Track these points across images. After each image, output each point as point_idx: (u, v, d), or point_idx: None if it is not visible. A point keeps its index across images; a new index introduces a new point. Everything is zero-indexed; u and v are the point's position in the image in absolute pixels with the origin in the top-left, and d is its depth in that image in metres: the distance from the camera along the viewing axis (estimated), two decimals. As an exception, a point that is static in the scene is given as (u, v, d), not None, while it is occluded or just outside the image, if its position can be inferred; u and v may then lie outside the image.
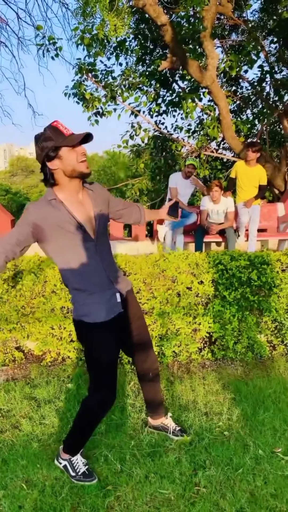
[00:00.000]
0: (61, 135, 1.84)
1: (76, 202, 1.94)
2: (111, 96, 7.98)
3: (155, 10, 5.93)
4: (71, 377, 3.29)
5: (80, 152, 1.87)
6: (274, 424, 2.60)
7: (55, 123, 1.87)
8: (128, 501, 2.02)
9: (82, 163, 1.87)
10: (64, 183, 1.91)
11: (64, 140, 1.83)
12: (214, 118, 7.88)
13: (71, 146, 1.84)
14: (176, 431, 2.51)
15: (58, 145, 1.83)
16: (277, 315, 3.48)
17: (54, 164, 1.86)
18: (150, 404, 2.51)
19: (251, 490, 2.07)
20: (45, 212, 1.88)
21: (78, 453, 2.22)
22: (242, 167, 5.70)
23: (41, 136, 1.86)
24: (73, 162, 1.85)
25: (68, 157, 1.84)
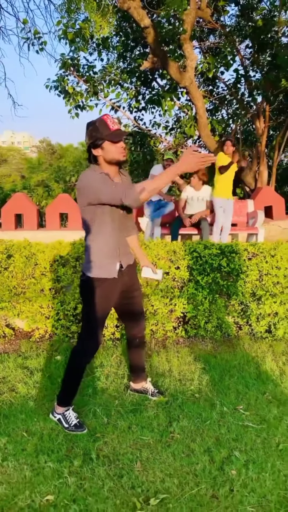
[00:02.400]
0: (107, 129, 2.19)
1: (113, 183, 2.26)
2: (93, 91, 8.25)
3: (139, 13, 6.26)
4: (59, 350, 3.64)
5: (120, 146, 2.22)
6: (237, 388, 3.04)
7: (105, 116, 2.23)
8: (115, 445, 2.41)
9: (122, 153, 2.24)
10: (104, 166, 2.28)
11: (108, 135, 2.18)
12: (191, 117, 8.30)
13: (113, 142, 2.19)
14: (155, 393, 2.90)
15: (103, 138, 2.18)
16: (243, 299, 3.93)
17: (97, 151, 2.24)
18: (134, 368, 2.90)
19: (216, 436, 2.49)
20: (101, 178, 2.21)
21: (71, 407, 2.59)
22: (225, 158, 6.08)
23: (91, 125, 2.23)
24: (112, 153, 2.23)
25: (109, 149, 2.22)
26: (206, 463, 2.25)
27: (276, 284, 3.91)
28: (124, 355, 3.55)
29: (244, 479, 2.13)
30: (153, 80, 9.38)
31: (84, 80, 8.58)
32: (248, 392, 2.99)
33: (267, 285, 3.89)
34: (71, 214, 7.69)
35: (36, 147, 47.93)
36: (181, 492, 2.05)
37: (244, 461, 2.27)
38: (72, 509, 1.94)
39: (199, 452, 2.34)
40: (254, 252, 3.96)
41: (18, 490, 2.06)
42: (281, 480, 2.13)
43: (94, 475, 2.17)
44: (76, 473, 2.18)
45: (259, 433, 2.52)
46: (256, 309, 3.89)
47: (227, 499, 2.00)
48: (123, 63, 9.46)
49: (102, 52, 8.90)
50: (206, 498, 2.01)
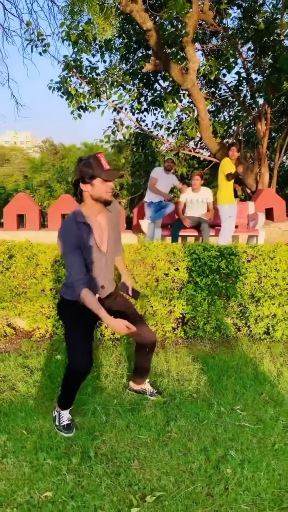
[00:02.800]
0: (100, 167, 2.24)
1: (96, 222, 2.37)
2: (96, 93, 8.30)
3: (141, 16, 6.30)
4: (59, 350, 3.69)
5: (109, 186, 2.29)
6: (235, 388, 3.08)
7: (99, 155, 2.28)
8: (113, 444, 2.45)
9: (109, 193, 2.31)
10: (89, 204, 2.34)
11: (101, 173, 2.23)
12: (193, 119, 8.33)
13: (104, 180, 2.25)
14: (153, 393, 2.94)
15: (95, 175, 2.23)
16: (242, 300, 3.96)
17: (86, 187, 2.28)
18: (138, 370, 2.90)
19: (213, 436, 2.53)
20: (79, 235, 2.31)
21: (67, 409, 2.61)
22: (230, 165, 6.10)
23: (84, 160, 2.27)
24: (101, 192, 2.28)
25: (99, 187, 2.26)
26: (202, 462, 2.29)
27: (275, 286, 3.94)
28: (123, 355, 3.60)
29: (239, 478, 2.17)
30: (156, 82, 9.42)
31: (86, 81, 8.63)
32: (246, 393, 3.02)
33: (265, 287, 3.92)
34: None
35: (39, 147, 48.02)
36: (177, 490, 2.08)
37: (239, 460, 2.30)
38: (70, 506, 1.98)
39: (196, 451, 2.38)
40: (253, 254, 4.00)
41: (17, 486, 2.10)
42: (275, 479, 2.16)
43: (92, 472, 2.21)
44: (74, 471, 2.22)
45: (255, 433, 2.55)
46: (255, 311, 3.93)
47: (222, 497, 2.04)
48: (126, 64, 9.50)
49: (105, 54, 8.94)
50: (202, 496, 2.05)
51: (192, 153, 9.63)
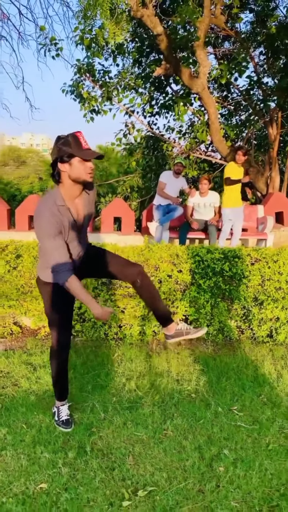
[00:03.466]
0: (79, 146, 2.10)
1: (73, 203, 2.26)
2: (107, 96, 8.40)
3: (152, 20, 6.38)
4: (63, 348, 3.75)
5: (88, 166, 2.14)
6: (233, 389, 3.11)
7: (78, 133, 2.14)
8: (109, 440, 2.50)
9: (90, 174, 2.16)
10: (67, 184, 2.19)
11: (80, 152, 2.10)
12: (203, 122, 8.37)
13: (83, 159, 2.13)
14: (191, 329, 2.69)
15: (73, 154, 2.11)
16: (246, 303, 3.99)
17: (63, 167, 2.14)
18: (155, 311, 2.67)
19: (208, 435, 2.57)
20: (59, 220, 2.19)
21: (65, 401, 2.67)
22: (235, 168, 6.15)
23: (62, 139, 2.13)
24: (80, 172, 2.14)
25: (77, 166, 2.13)
26: (196, 459, 2.33)
27: (278, 289, 3.96)
28: (125, 355, 3.65)
29: (231, 476, 2.20)
30: (167, 86, 9.49)
31: (99, 85, 8.74)
32: (244, 394, 3.05)
33: (269, 290, 3.94)
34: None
35: (55, 149, 48.43)
36: (169, 486, 2.13)
37: (233, 459, 2.34)
38: (64, 497, 2.04)
39: (190, 449, 2.42)
40: (256, 258, 4.02)
41: (14, 477, 2.17)
42: (267, 478, 2.19)
43: (87, 466, 2.26)
44: (70, 464, 2.28)
45: (251, 433, 2.58)
46: (258, 314, 3.95)
47: (213, 494, 2.07)
48: (138, 68, 9.60)
49: (118, 57, 9.05)
50: (193, 492, 2.09)
51: (203, 156, 9.66)
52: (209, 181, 6.06)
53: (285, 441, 2.51)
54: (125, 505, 1.99)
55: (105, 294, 3.94)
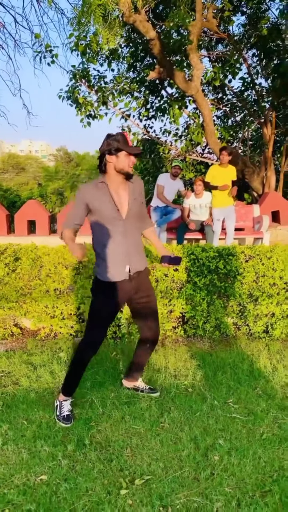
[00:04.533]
0: (126, 142, 2.49)
1: (116, 189, 2.55)
2: (103, 101, 8.51)
3: (144, 26, 6.49)
4: (62, 348, 3.83)
5: (132, 160, 2.51)
6: (229, 383, 3.17)
7: (125, 133, 2.56)
8: (107, 433, 2.57)
9: (131, 167, 2.53)
10: (112, 174, 2.53)
11: (126, 147, 2.47)
12: (198, 124, 8.47)
13: (128, 154, 2.48)
14: (146, 389, 3.03)
15: (121, 148, 2.45)
16: (241, 300, 4.06)
17: (111, 159, 2.49)
18: (134, 367, 3.01)
19: (204, 427, 2.63)
20: (92, 192, 2.52)
21: (70, 398, 2.76)
22: (217, 170, 6.24)
23: (112, 136, 2.51)
24: (124, 164, 2.49)
25: (123, 159, 2.48)
26: (192, 449, 2.40)
27: (273, 285, 4.03)
28: (123, 353, 3.72)
29: (225, 464, 2.27)
30: (162, 89, 9.60)
31: (95, 90, 8.85)
32: (240, 387, 3.12)
33: (263, 286, 4.01)
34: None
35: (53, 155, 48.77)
36: (165, 475, 2.20)
37: (227, 448, 2.40)
38: (63, 487, 2.11)
39: (186, 440, 2.49)
40: (250, 255, 4.10)
41: (15, 470, 2.24)
42: (260, 466, 2.26)
43: (86, 458, 2.33)
44: (69, 456, 2.35)
45: (245, 424, 2.65)
46: (253, 310, 4.02)
47: (208, 481, 2.14)
48: (133, 73, 9.71)
49: (112, 63, 9.17)
50: (188, 480, 2.16)
51: (199, 158, 9.75)
52: (203, 182, 6.16)
53: (278, 430, 2.58)
54: (122, 493, 2.06)
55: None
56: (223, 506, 1.99)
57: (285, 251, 4.09)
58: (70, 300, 4.02)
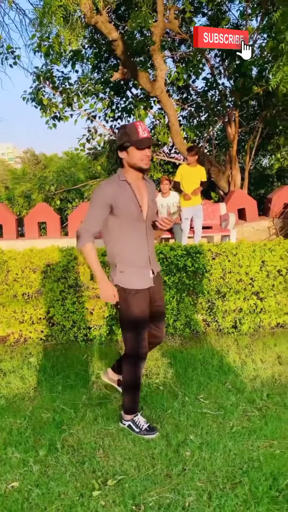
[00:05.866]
0: (135, 134, 2.26)
1: (137, 186, 2.38)
2: (68, 103, 8.45)
3: (107, 26, 6.49)
4: (33, 353, 3.79)
5: (144, 154, 2.30)
6: (200, 379, 3.22)
7: (138, 123, 2.31)
8: (80, 436, 2.56)
9: (146, 161, 2.32)
10: (129, 171, 2.36)
11: (135, 141, 2.26)
12: (164, 125, 8.53)
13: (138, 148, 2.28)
14: None
15: (129, 142, 2.27)
16: (209, 296, 4.12)
17: (122, 154, 2.33)
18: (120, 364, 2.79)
19: (176, 423, 2.66)
20: (116, 192, 2.31)
21: (139, 413, 2.62)
22: (185, 170, 6.34)
23: (122, 128, 2.34)
24: (135, 159, 2.30)
25: (133, 154, 2.29)
26: (163, 447, 2.42)
27: (239, 281, 4.11)
28: (95, 355, 3.71)
29: (197, 459, 2.30)
30: (127, 90, 9.62)
31: (59, 91, 8.78)
32: (210, 383, 3.16)
33: (230, 282, 4.08)
34: (50, 222, 7.84)
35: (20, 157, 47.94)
36: (138, 473, 2.21)
37: (199, 443, 2.44)
38: (35, 493, 2.09)
39: (158, 437, 2.51)
40: (217, 252, 4.17)
41: (-15, 479, 2.20)
42: (231, 458, 2.30)
43: (58, 462, 2.32)
44: (40, 462, 2.33)
45: (216, 419, 2.70)
46: (222, 306, 4.09)
47: (179, 477, 2.17)
48: (97, 74, 9.69)
49: (76, 64, 9.12)
50: (160, 477, 2.18)
51: (166, 158, 9.83)
52: (169, 181, 6.22)
53: (247, 423, 2.64)
54: (95, 495, 2.06)
55: (72, 296, 3.99)
56: (194, 500, 2.02)
57: (249, 248, 4.18)
58: (39, 304, 3.98)
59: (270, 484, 2.08)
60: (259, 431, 2.53)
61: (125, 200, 2.33)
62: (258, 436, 2.48)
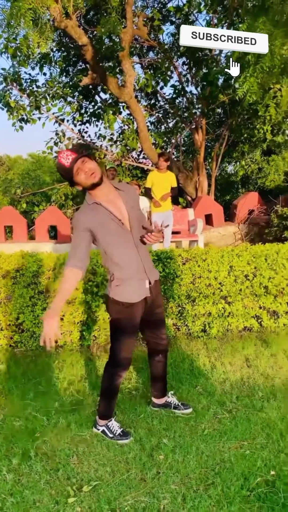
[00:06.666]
0: (64, 169, 2.25)
1: (108, 201, 2.36)
2: (36, 106, 8.37)
3: (76, 31, 6.49)
4: (2, 360, 3.73)
5: (84, 171, 2.24)
6: (171, 383, 3.26)
7: (60, 157, 2.27)
8: (53, 443, 2.55)
9: (90, 177, 2.26)
10: (89, 192, 2.35)
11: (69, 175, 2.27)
12: (132, 130, 8.60)
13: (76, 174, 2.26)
14: (179, 405, 2.90)
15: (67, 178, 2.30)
16: (180, 301, 4.19)
17: (77, 187, 2.34)
18: (155, 381, 2.88)
19: (149, 428, 2.70)
20: (90, 217, 2.32)
21: (113, 418, 2.64)
22: (156, 176, 6.42)
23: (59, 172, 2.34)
24: (83, 181, 2.28)
25: (80, 180, 2.28)
26: (137, 451, 2.45)
27: (208, 286, 4.21)
28: (65, 361, 3.70)
29: (170, 462, 2.34)
30: (96, 94, 9.63)
31: (27, 94, 8.69)
32: (181, 386, 3.22)
33: (200, 287, 4.17)
34: (16, 226, 7.72)
35: (-17, 159, 46.79)
36: (112, 479, 2.23)
37: (172, 446, 2.48)
38: (9, 502, 2.07)
39: (132, 442, 2.54)
40: (187, 257, 4.25)
41: None
42: (203, 460, 2.36)
43: (31, 470, 2.30)
44: (14, 470, 2.30)
45: (188, 422, 2.75)
46: (192, 310, 4.17)
47: (154, 481, 2.20)
48: (66, 77, 9.65)
49: (44, 66, 9.05)
50: (135, 481, 2.21)
51: (135, 163, 9.90)
52: (138, 186, 6.29)
53: (219, 425, 2.71)
54: (70, 502, 2.07)
55: (42, 302, 3.96)
56: (169, 503, 2.06)
57: (218, 253, 4.29)
58: (8, 311, 3.92)
59: (241, 484, 2.15)
60: (230, 433, 2.60)
61: (102, 221, 2.33)
62: (228, 438, 2.55)
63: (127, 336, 2.53)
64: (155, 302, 2.59)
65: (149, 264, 2.54)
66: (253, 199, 8.43)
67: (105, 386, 2.62)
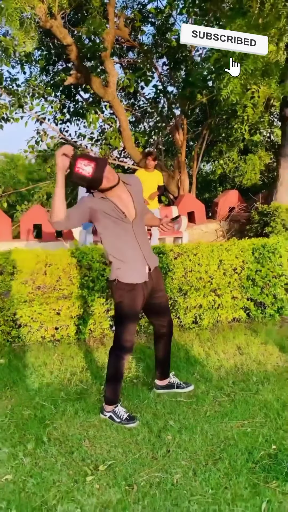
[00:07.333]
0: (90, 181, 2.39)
1: (117, 196, 2.54)
2: (18, 104, 8.37)
3: (61, 31, 6.56)
4: (1, 354, 3.80)
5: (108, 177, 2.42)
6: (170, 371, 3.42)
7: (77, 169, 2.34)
8: (64, 429, 2.67)
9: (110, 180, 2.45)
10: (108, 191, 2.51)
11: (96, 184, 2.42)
12: (115, 129, 8.71)
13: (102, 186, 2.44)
14: (181, 385, 3.10)
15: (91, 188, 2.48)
16: (172, 294, 4.35)
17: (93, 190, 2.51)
18: (160, 363, 3.06)
19: (154, 412, 2.84)
20: (96, 202, 2.51)
21: (119, 403, 2.76)
22: (143, 174, 6.53)
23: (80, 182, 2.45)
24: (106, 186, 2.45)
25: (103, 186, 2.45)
26: (146, 433, 2.59)
27: (199, 279, 4.38)
28: (64, 354, 3.80)
29: (178, 442, 2.50)
30: (77, 94, 9.69)
31: (7, 92, 8.67)
32: (180, 374, 3.37)
33: (191, 280, 4.34)
34: (1, 225, 7.71)
35: None
36: (126, 458, 2.37)
37: (178, 428, 2.64)
38: (30, 483, 2.18)
39: (139, 425, 2.68)
40: (179, 252, 4.41)
41: (-23, 475, 2.25)
42: (208, 439, 2.53)
43: (47, 454, 2.41)
44: (30, 454, 2.41)
45: (190, 405, 2.91)
46: (183, 303, 4.33)
47: (165, 458, 2.35)
48: (46, 76, 9.67)
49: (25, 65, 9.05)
50: (147, 460, 2.35)
51: (117, 162, 10.00)
52: None
53: (219, 407, 2.88)
54: (89, 480, 2.19)
55: (40, 298, 4.04)
56: (181, 477, 2.21)
57: (208, 248, 4.47)
58: (6, 306, 3.98)
59: (246, 458, 2.32)
60: (230, 414, 2.78)
61: (105, 209, 2.52)
62: (230, 418, 2.73)
63: (129, 320, 2.70)
64: (156, 287, 2.78)
65: (148, 251, 2.72)
66: (233, 197, 8.68)
67: (111, 371, 2.76)
